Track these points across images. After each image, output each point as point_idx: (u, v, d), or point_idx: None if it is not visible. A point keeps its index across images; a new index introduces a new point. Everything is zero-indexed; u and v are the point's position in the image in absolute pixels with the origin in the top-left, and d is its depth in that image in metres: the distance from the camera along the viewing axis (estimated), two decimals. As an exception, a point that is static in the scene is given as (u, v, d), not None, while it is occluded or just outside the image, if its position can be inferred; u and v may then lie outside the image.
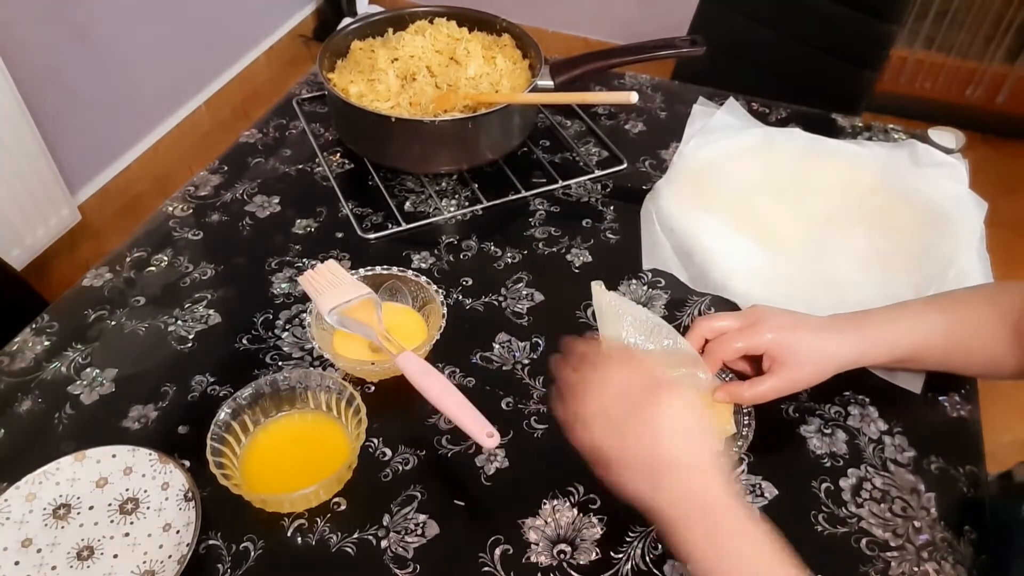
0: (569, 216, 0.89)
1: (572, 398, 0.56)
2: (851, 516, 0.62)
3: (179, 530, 0.59)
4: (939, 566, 0.59)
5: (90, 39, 1.91)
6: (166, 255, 0.84)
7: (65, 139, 1.89)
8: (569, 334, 0.75)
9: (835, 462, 0.65)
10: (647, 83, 1.12)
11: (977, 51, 2.26)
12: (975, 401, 0.71)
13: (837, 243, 0.82)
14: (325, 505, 0.62)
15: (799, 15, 1.33)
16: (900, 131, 1.02)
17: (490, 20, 1.02)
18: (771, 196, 0.87)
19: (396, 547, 0.59)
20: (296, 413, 0.67)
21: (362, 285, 0.72)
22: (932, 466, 0.65)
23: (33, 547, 0.59)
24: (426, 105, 0.91)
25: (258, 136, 1.01)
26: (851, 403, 0.70)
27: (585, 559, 0.59)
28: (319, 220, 0.88)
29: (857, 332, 0.64)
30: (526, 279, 0.81)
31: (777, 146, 0.92)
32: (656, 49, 0.94)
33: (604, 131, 1.02)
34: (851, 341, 0.64)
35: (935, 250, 0.79)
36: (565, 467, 0.64)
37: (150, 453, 0.63)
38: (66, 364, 0.73)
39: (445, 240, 0.86)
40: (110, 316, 0.77)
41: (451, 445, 0.66)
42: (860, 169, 0.90)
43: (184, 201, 0.91)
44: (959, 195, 0.85)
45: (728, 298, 0.79)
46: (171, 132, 2.27)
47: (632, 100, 0.82)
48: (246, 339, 0.75)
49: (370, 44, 1.00)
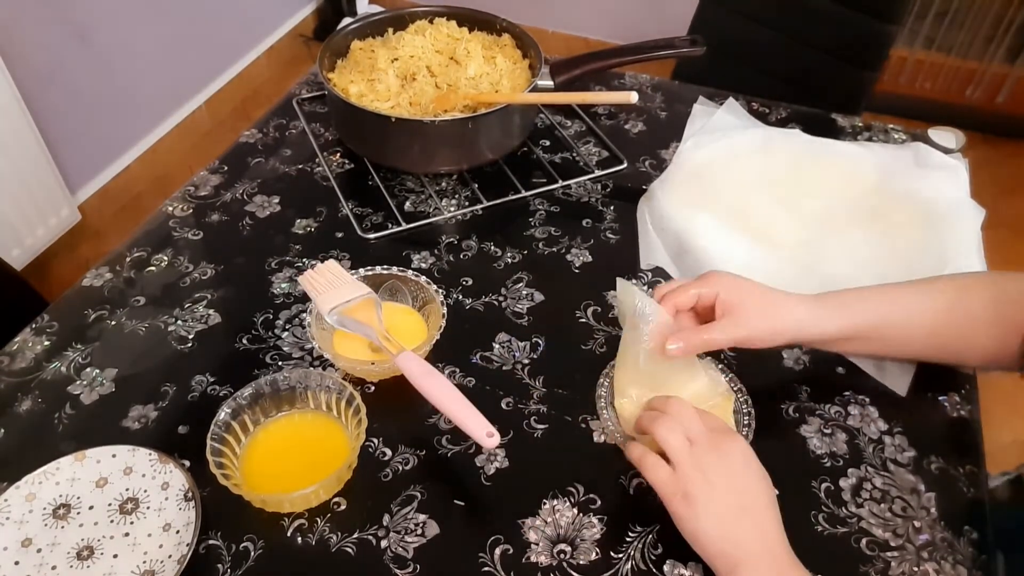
0: (569, 216, 0.89)
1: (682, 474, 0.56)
2: (851, 516, 0.62)
3: (179, 530, 0.59)
4: (939, 566, 0.59)
5: (90, 39, 1.91)
6: (166, 255, 0.84)
7: (65, 139, 1.89)
8: (569, 334, 0.75)
9: (835, 462, 0.65)
10: (647, 83, 1.12)
11: (977, 51, 2.26)
12: (975, 401, 0.71)
13: (834, 244, 0.82)
14: (325, 505, 0.62)
15: (799, 15, 1.33)
16: (900, 131, 1.02)
17: (490, 20, 1.02)
18: (769, 196, 0.87)
19: (396, 547, 0.59)
20: (296, 413, 0.67)
21: (362, 285, 0.72)
22: (932, 466, 0.65)
23: (33, 547, 0.59)
24: (426, 105, 0.91)
25: (258, 136, 1.01)
26: (851, 403, 0.70)
27: (585, 559, 0.59)
28: (319, 220, 0.88)
29: (816, 298, 0.65)
30: (526, 279, 0.81)
31: (776, 146, 0.92)
32: (656, 49, 0.94)
33: (604, 131, 1.02)
34: (806, 301, 0.64)
35: (932, 252, 0.79)
36: (565, 467, 0.64)
37: (150, 453, 0.63)
38: (66, 364, 0.73)
39: (445, 240, 0.86)
40: (110, 316, 0.77)
41: (451, 445, 0.66)
42: (858, 170, 0.90)
43: (184, 201, 0.91)
44: (957, 198, 0.85)
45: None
46: (171, 132, 2.27)
47: (632, 100, 0.82)
48: (246, 339, 0.75)
49: (370, 44, 1.00)
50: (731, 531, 0.54)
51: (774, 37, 1.36)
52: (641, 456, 0.59)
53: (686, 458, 0.56)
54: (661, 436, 0.58)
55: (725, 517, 0.54)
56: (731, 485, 0.56)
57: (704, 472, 0.56)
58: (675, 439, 0.57)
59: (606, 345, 0.74)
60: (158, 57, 2.15)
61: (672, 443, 0.57)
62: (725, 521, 0.54)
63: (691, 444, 0.57)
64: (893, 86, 2.35)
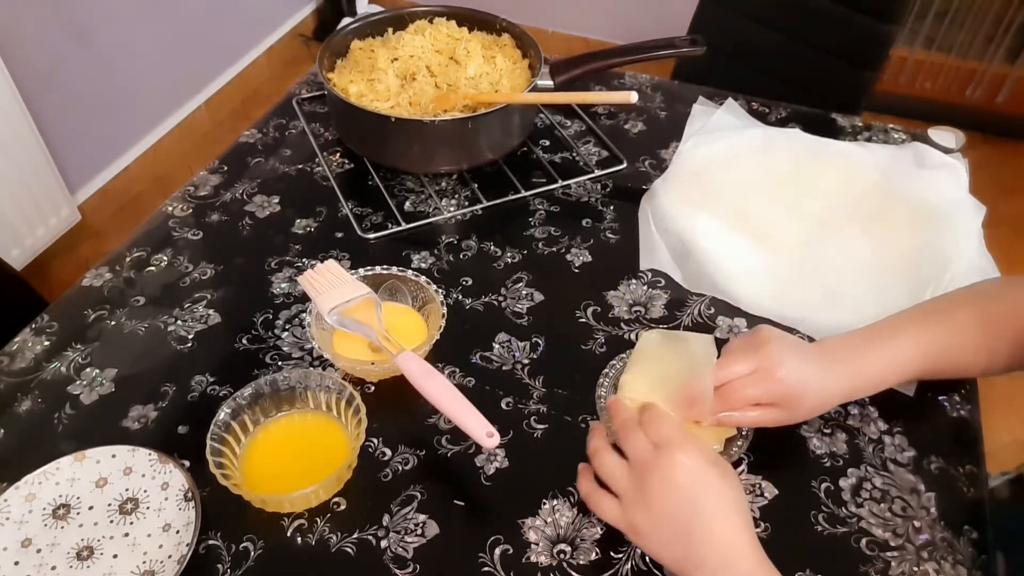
0: (569, 216, 0.89)
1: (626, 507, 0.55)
2: (851, 516, 0.62)
3: (179, 530, 0.59)
4: (939, 566, 0.59)
5: (90, 39, 1.91)
6: (166, 255, 0.84)
7: (65, 139, 1.89)
8: (569, 334, 0.75)
9: (835, 462, 0.65)
10: (647, 83, 1.12)
11: (977, 51, 2.26)
12: (975, 401, 0.71)
13: (834, 244, 0.82)
14: (325, 505, 0.62)
15: (799, 15, 1.33)
16: (900, 131, 1.02)
17: (490, 20, 1.02)
18: (769, 196, 0.87)
19: (396, 547, 0.59)
20: (296, 413, 0.67)
21: (362, 285, 0.72)
22: (932, 466, 0.65)
23: (33, 547, 0.59)
24: (426, 105, 0.91)
25: (258, 136, 1.01)
26: (851, 403, 0.70)
27: (585, 559, 0.59)
28: (319, 220, 0.88)
29: (849, 372, 0.64)
30: (526, 279, 0.81)
31: (776, 146, 0.92)
32: (656, 49, 0.94)
33: (604, 131, 1.02)
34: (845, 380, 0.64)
35: (932, 251, 0.79)
36: (565, 467, 0.64)
37: (150, 453, 0.63)
38: (66, 364, 0.73)
39: (445, 240, 0.86)
40: (110, 316, 0.77)
41: (451, 445, 0.66)
42: (858, 170, 0.89)
43: (184, 201, 0.91)
44: (957, 197, 0.85)
45: (724, 299, 0.79)
46: (171, 132, 2.27)
47: (632, 100, 0.82)
48: (246, 339, 0.75)
49: (370, 44, 1.00)
50: (684, 552, 0.52)
51: (774, 37, 1.36)
52: (587, 494, 0.58)
53: (625, 490, 0.55)
54: (602, 472, 0.57)
55: (674, 541, 0.53)
56: (675, 505, 0.53)
57: (646, 499, 0.54)
58: (612, 470, 0.56)
59: (606, 345, 0.74)
60: (158, 57, 2.15)
61: (611, 475, 0.56)
62: (676, 546, 0.53)
63: (632, 469, 0.55)
64: (893, 86, 2.34)
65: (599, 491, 0.57)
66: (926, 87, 2.35)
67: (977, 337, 0.65)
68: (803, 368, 0.62)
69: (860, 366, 0.64)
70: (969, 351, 0.66)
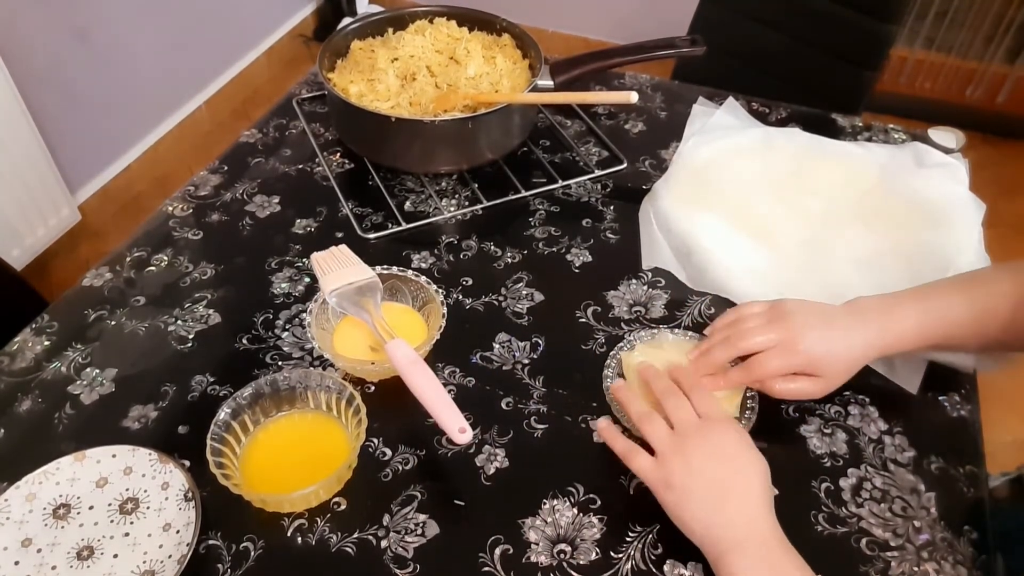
0: (569, 216, 0.89)
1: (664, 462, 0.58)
2: (851, 516, 0.62)
3: (179, 530, 0.59)
4: (939, 566, 0.59)
5: (90, 39, 1.91)
6: (166, 255, 0.84)
7: (65, 139, 1.89)
8: (569, 334, 0.75)
9: (835, 462, 0.65)
10: (647, 83, 1.12)
11: (977, 51, 2.26)
12: (975, 401, 0.71)
13: (835, 243, 0.82)
14: (325, 505, 0.62)
15: (799, 15, 1.33)
16: (900, 131, 1.02)
17: (490, 20, 1.02)
18: (770, 196, 0.87)
19: (396, 547, 0.59)
20: (296, 413, 0.67)
21: (368, 269, 0.73)
22: (932, 466, 0.65)
23: (33, 547, 0.59)
24: (426, 105, 0.91)
25: (258, 136, 1.01)
26: (851, 403, 0.70)
27: (585, 559, 0.59)
28: (319, 220, 0.88)
29: (876, 328, 0.64)
30: (526, 279, 0.81)
31: (777, 146, 0.92)
32: (656, 49, 0.94)
33: (604, 131, 1.02)
34: (872, 335, 0.64)
35: (933, 251, 0.79)
36: (565, 467, 0.64)
37: (150, 453, 0.63)
38: (66, 364, 0.73)
39: (445, 240, 0.86)
40: (110, 316, 0.77)
41: (451, 445, 0.66)
42: (859, 169, 0.90)
43: (184, 201, 0.91)
44: (958, 196, 0.85)
45: (726, 297, 0.79)
46: (171, 132, 2.26)
47: (632, 100, 0.82)
48: (246, 339, 0.75)
49: (370, 44, 1.00)
50: (715, 517, 0.55)
51: (774, 37, 1.36)
52: (626, 450, 0.60)
53: (667, 447, 0.58)
54: (645, 431, 0.60)
55: (708, 503, 0.55)
56: (716, 470, 0.56)
57: (686, 459, 0.56)
58: (657, 429, 0.59)
59: (606, 345, 0.74)
60: (158, 57, 2.15)
61: (654, 433, 0.59)
62: (709, 507, 0.55)
63: (676, 432, 0.59)
64: (893, 86, 2.34)
65: (636, 447, 0.60)
66: (926, 87, 2.35)
67: (1011, 309, 0.64)
68: (825, 336, 0.64)
69: (885, 323, 0.64)
70: (1000, 321, 0.65)
